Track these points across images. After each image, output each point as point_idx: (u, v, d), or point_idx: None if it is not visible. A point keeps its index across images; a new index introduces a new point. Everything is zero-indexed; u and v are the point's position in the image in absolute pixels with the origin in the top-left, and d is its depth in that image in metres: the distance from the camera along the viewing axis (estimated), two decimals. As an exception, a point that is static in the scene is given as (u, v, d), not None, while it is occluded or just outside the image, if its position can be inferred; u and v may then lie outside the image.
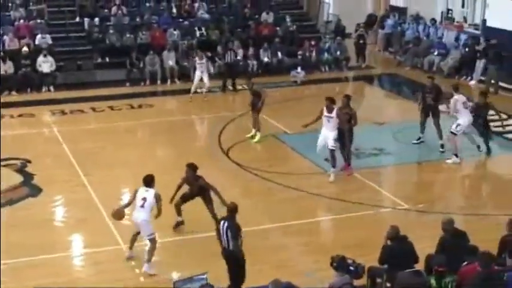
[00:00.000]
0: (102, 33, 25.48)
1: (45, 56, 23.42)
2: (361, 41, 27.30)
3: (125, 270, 11.44)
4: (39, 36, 24.39)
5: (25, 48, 23.71)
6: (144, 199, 11.36)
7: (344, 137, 15.34)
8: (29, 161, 16.28)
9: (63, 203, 14.41)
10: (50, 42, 24.52)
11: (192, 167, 12.66)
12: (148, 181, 11.58)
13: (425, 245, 10.41)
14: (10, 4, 25.92)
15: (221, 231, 10.35)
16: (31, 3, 25.95)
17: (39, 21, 25.26)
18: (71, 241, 12.72)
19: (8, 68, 23.02)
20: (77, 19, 26.26)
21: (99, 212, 13.47)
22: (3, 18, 25.18)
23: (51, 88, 23.22)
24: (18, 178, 15.42)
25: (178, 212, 12.76)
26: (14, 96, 22.47)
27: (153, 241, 11.45)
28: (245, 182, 15.30)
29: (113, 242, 12.29)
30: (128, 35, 25.37)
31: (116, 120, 20.01)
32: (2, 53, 23.14)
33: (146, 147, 17.80)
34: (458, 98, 16.49)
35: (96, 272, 11.50)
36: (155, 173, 11.80)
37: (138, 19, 26.60)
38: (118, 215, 11.74)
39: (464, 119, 16.30)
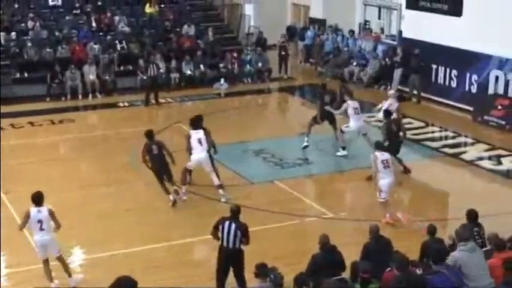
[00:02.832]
0: (19, 47, 24.94)
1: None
2: (283, 53, 27.63)
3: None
4: (-47, 51, 23.69)
5: None
6: (40, 221, 11.04)
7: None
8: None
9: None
10: (-35, 57, 23.87)
11: (147, 135, 14.69)
12: (38, 200, 11.18)
13: (349, 252, 10.60)
14: None
15: (225, 231, 10.58)
16: None
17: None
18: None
19: None
20: (-6, 33, 25.63)
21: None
22: None
23: (-32, 104, 22.60)
24: None
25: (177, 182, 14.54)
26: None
27: (61, 257, 11.27)
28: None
29: (35, 261, 12.00)
30: (47, 50, 24.93)
31: (37, 136, 19.60)
32: None
33: (69, 162, 17.51)
34: (350, 104, 17.49)
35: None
36: (80, 187, 11.65)
37: (57, 33, 26.16)
38: None
39: (353, 123, 17.48)
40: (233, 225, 10.60)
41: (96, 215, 14.09)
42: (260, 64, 26.92)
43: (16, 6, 27.11)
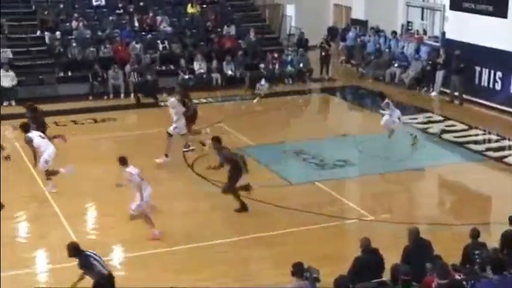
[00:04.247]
0: (63, 47, 25.29)
1: (6, 70, 23.17)
2: (324, 53, 27.50)
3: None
4: (-1, 50, 24.12)
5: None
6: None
7: None
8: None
9: (26, 218, 14.22)
10: (10, 56, 24.26)
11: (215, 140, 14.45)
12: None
13: (390, 254, 10.50)
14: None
15: None
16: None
17: (-1, 35, 25.00)
18: (35, 257, 12.54)
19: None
20: (38, 33, 26.02)
21: (62, 227, 13.31)
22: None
23: (13, 103, 22.97)
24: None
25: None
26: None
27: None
28: (209, 195, 15.25)
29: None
30: (90, 49, 25.23)
31: (79, 135, 19.82)
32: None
33: (110, 161, 17.61)
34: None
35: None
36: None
37: (100, 33, 26.45)
38: None
39: (180, 121, 17.46)
40: None
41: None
42: (301, 65, 26.85)
43: (61, 6, 27.47)
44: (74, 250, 10.20)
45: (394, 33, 27.43)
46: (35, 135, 15.35)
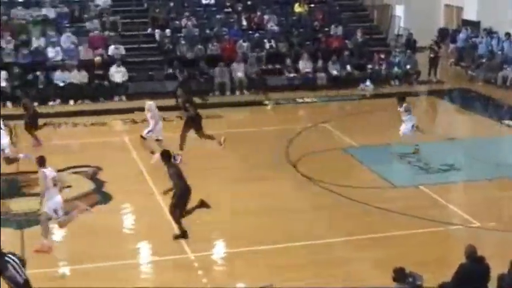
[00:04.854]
0: (173, 44, 25.86)
1: (117, 66, 23.96)
2: (433, 55, 26.89)
3: (189, 279, 11.48)
4: (112, 47, 24.94)
5: (98, 59, 24.33)
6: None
7: None
8: (100, 169, 16.60)
9: (132, 211, 14.62)
10: (123, 53, 25.03)
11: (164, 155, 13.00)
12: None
13: (496, 264, 10.13)
14: (85, 16, 26.57)
15: None
16: (105, 15, 26.52)
17: (112, 32, 25.85)
18: (137, 249, 12.87)
19: (82, 77, 23.65)
20: (149, 30, 26.72)
21: (166, 220, 13.60)
22: (79, 29, 25.87)
23: (123, 98, 23.73)
24: (89, 185, 15.73)
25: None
26: (87, 105, 23.01)
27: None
28: (312, 195, 15.23)
29: (179, 251, 12.38)
30: (198, 46, 25.69)
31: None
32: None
33: (215, 157, 17.90)
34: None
35: (161, 280, 11.59)
36: (226, 183, 11.84)
37: (208, 31, 26.89)
38: None
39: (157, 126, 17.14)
40: None
41: (243, 211, 14.24)
42: (408, 66, 26.37)
43: (171, 4, 28.10)
44: None
45: (507, 34, 26.48)
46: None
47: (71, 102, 23.23)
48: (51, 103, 22.99)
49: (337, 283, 11.09)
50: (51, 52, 24.50)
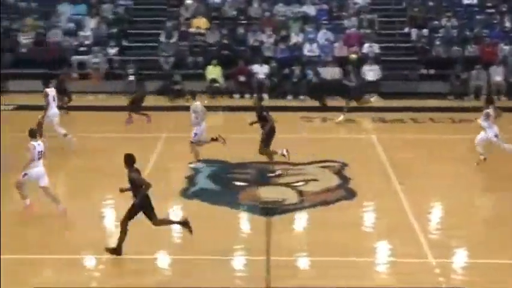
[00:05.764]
0: (428, 44, 25.36)
1: (370, 64, 24.03)
2: None
3: (429, 284, 11.15)
4: (366, 45, 25.08)
5: (353, 56, 24.61)
6: None
7: None
8: (347, 165, 16.76)
9: (375, 208, 14.55)
10: (377, 51, 25.05)
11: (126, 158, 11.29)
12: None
13: None
14: (344, 13, 26.99)
15: None
16: (363, 13, 26.73)
17: (369, 30, 25.99)
18: (377, 247, 12.77)
19: (334, 73, 24.13)
20: (406, 29, 26.45)
21: (409, 221, 13.36)
22: (336, 26, 26.37)
23: (374, 96, 23.74)
24: (335, 180, 15.95)
25: None
26: (337, 102, 23.32)
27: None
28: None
29: (421, 255, 12.08)
30: (455, 48, 24.94)
31: (435, 133, 19.74)
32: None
33: (462, 162, 17.22)
34: None
35: (398, 282, 11.37)
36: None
37: (467, 32, 25.97)
38: None
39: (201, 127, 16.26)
40: None
41: (488, 219, 13.69)
42: None
43: (431, 4, 27.54)
44: None
45: None
46: None
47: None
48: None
49: None
50: (307, 48, 25.25)
